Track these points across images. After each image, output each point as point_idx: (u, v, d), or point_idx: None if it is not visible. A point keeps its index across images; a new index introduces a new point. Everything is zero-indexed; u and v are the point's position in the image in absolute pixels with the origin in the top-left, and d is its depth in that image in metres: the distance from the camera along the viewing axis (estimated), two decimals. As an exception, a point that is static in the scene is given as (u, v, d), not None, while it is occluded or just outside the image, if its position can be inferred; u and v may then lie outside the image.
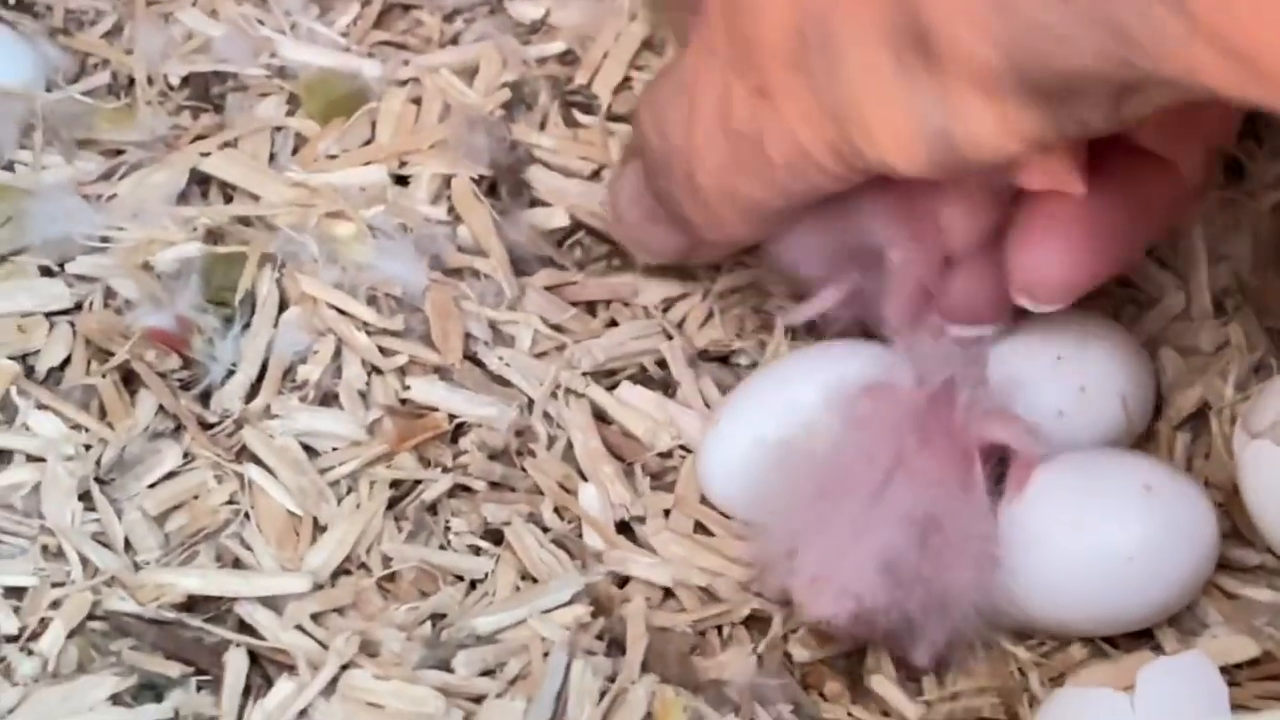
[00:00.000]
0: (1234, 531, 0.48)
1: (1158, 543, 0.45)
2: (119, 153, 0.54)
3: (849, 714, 0.46)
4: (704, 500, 0.49)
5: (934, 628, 0.46)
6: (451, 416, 0.50)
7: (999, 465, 0.47)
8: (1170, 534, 0.46)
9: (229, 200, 0.53)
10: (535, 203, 0.54)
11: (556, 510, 0.49)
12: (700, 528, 0.49)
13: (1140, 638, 0.47)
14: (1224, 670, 0.45)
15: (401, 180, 0.53)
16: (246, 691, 0.45)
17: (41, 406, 0.49)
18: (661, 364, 0.51)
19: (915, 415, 0.46)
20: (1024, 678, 0.47)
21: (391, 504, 0.48)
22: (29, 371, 0.49)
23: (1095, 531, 0.45)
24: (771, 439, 0.47)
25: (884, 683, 0.47)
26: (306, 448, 0.49)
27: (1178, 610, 0.47)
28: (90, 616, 0.45)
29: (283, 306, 0.50)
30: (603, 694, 0.45)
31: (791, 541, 0.46)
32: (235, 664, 0.45)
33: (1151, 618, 0.46)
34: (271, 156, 0.54)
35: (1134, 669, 0.45)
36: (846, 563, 0.45)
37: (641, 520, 0.49)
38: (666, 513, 0.49)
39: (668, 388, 0.51)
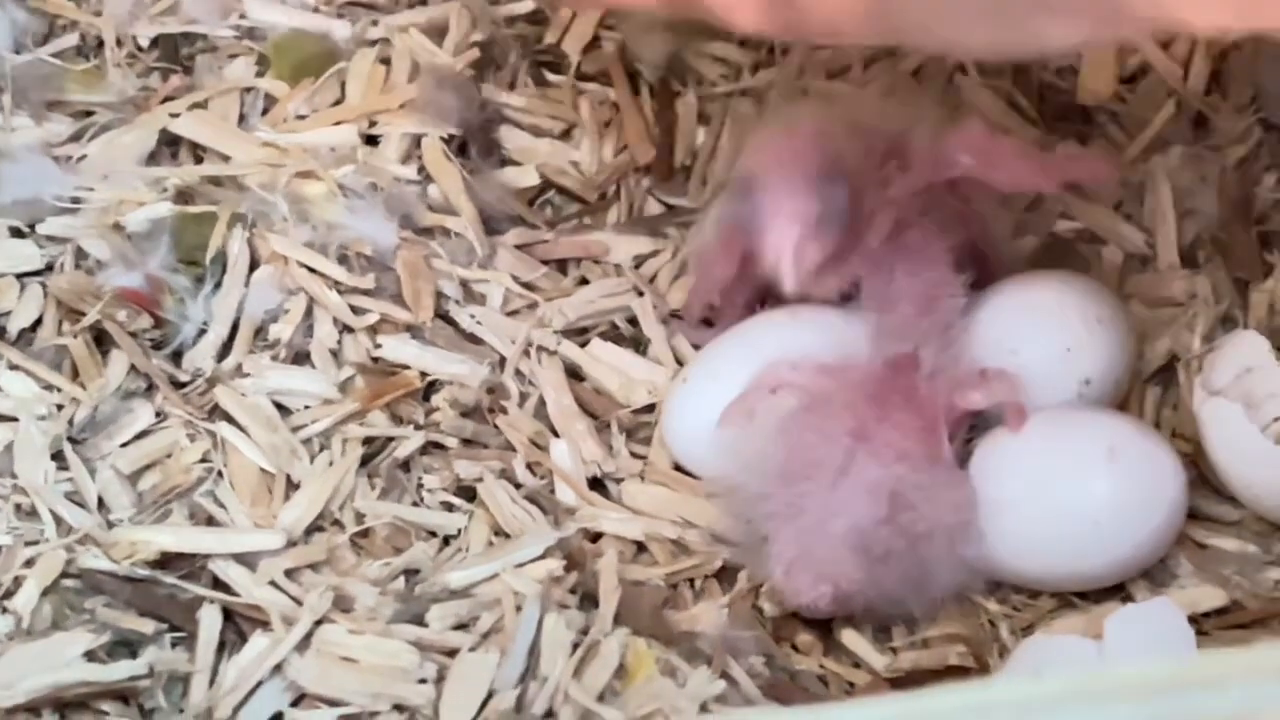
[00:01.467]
0: (1202, 481, 0.48)
1: (1123, 505, 0.46)
2: (88, 114, 0.54)
3: (820, 665, 0.47)
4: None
5: (912, 599, 0.46)
6: (423, 374, 0.50)
7: (970, 430, 0.47)
8: (1135, 495, 0.46)
9: (199, 161, 0.53)
10: (505, 162, 0.54)
11: (529, 467, 0.49)
12: (674, 481, 0.49)
13: (1112, 590, 0.47)
14: (1192, 619, 0.46)
15: (371, 140, 0.53)
16: (221, 647, 0.45)
17: (13, 367, 0.49)
18: (633, 321, 0.52)
19: (872, 389, 0.46)
20: (994, 628, 0.47)
21: (364, 461, 0.48)
22: (0, 332, 0.49)
23: (1061, 497, 0.46)
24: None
25: (854, 637, 0.47)
26: (279, 406, 0.49)
27: (1149, 565, 0.47)
28: (64, 574, 0.46)
29: (254, 266, 0.51)
30: (575, 646, 0.45)
31: (763, 528, 0.46)
32: (209, 620, 0.45)
33: (1121, 574, 0.47)
34: (241, 117, 0.54)
35: (1103, 619, 0.46)
36: (820, 547, 0.45)
37: (615, 477, 0.49)
38: (642, 471, 0.49)
39: (639, 345, 0.51)
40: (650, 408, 0.50)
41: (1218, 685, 0.29)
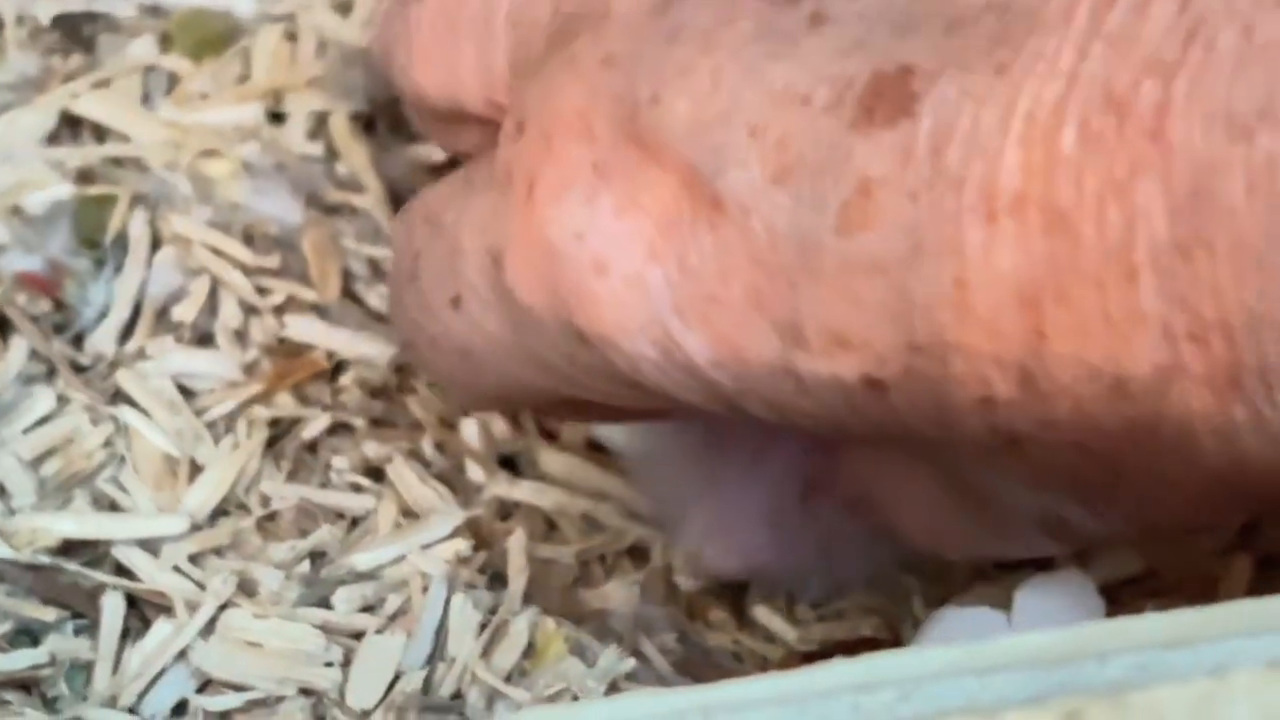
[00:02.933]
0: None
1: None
2: (-13, 95, 0.53)
3: (734, 640, 0.46)
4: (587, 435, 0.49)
5: (819, 582, 0.46)
6: (330, 354, 0.49)
7: None
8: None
9: (101, 141, 0.52)
10: (413, 138, 0.53)
11: (438, 446, 0.48)
12: (585, 456, 0.49)
13: (1028, 559, 0.47)
14: (1110, 587, 0.46)
15: (277, 118, 0.53)
16: (124, 634, 0.45)
17: (-89, 354, 0.48)
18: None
19: None
20: (907, 600, 0.47)
21: (270, 443, 0.48)
22: (-101, 319, 0.49)
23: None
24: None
25: (767, 613, 0.47)
26: (183, 389, 0.48)
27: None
28: (-36, 563, 0.45)
29: (156, 247, 0.50)
30: (483, 627, 0.44)
31: (683, 495, 0.46)
32: (112, 607, 0.45)
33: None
34: (145, 96, 0.53)
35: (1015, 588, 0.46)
36: (737, 520, 0.45)
37: (525, 455, 0.48)
38: (550, 442, 0.49)
39: (550, 321, 0.51)
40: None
41: (1104, 655, 0.28)
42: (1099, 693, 0.26)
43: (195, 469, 0.47)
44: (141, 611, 0.45)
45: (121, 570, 0.45)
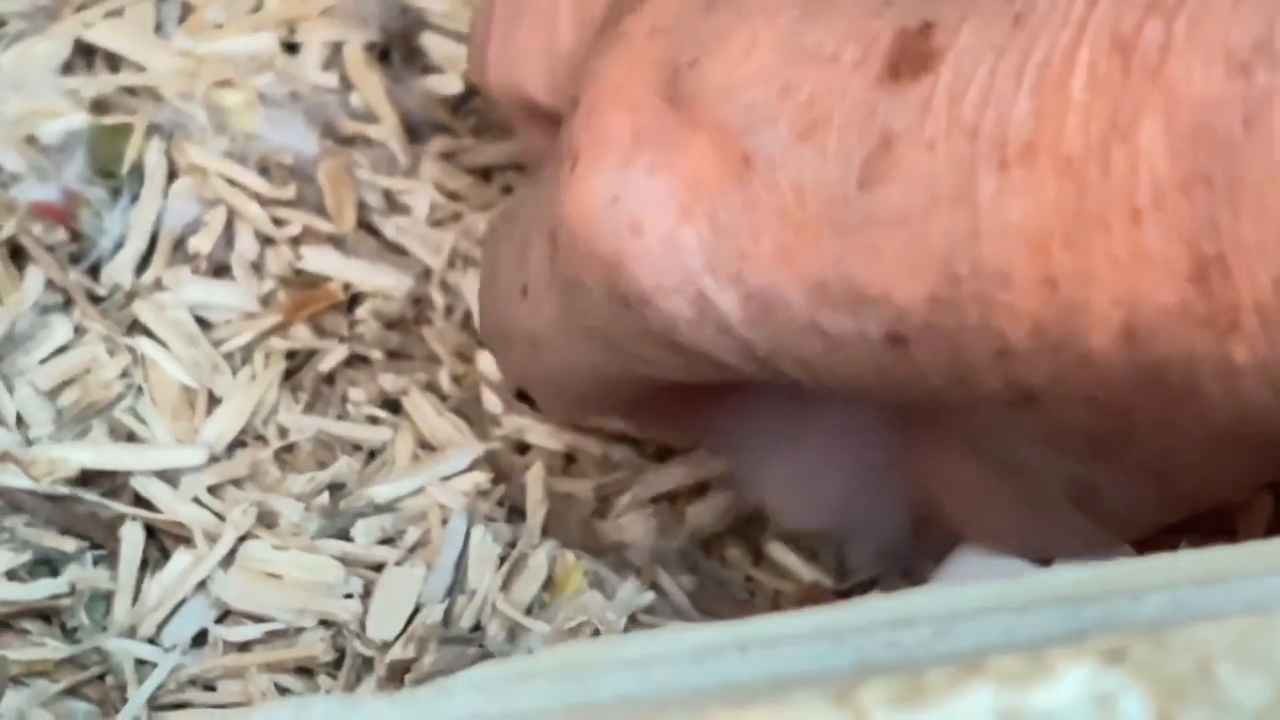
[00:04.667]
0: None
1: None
2: (1, 24, 0.53)
3: (748, 577, 0.47)
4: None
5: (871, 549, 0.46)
6: (346, 286, 0.49)
7: None
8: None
9: (114, 71, 0.52)
10: (429, 69, 0.53)
11: (455, 379, 0.48)
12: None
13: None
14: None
15: (291, 48, 0.52)
16: (143, 565, 0.45)
17: (-74, 283, 0.48)
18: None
19: None
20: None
21: (287, 375, 0.48)
22: (-87, 249, 0.49)
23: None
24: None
25: (781, 549, 0.47)
26: (199, 320, 0.48)
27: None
28: (-18, 493, 0.45)
29: (171, 177, 0.50)
30: (503, 560, 0.45)
31: (764, 448, 0.46)
32: (131, 537, 0.45)
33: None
34: (158, 25, 0.53)
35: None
36: (818, 478, 0.45)
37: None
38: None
39: (566, 254, 0.51)
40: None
41: (1139, 592, 0.29)
42: (1139, 630, 0.26)
43: (213, 400, 0.47)
44: (160, 542, 0.45)
45: (140, 501, 0.45)
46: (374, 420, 0.48)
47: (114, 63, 0.52)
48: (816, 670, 0.29)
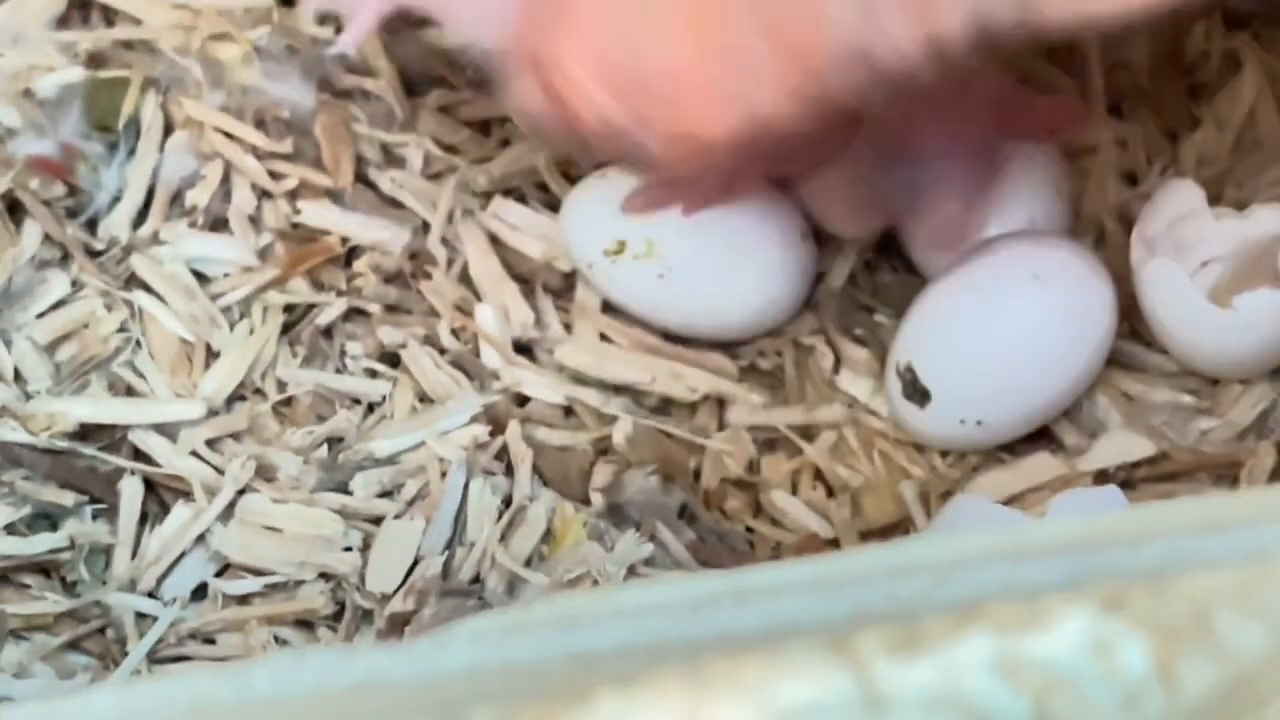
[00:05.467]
0: (1132, 333, 0.48)
1: (1047, 329, 0.45)
2: (-5, -22, 0.52)
3: (748, 529, 0.47)
4: (606, 310, 0.49)
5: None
6: (344, 240, 0.49)
7: None
8: (1063, 317, 0.46)
9: (110, 24, 0.51)
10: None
11: (454, 332, 0.48)
12: (604, 339, 0.48)
13: (1039, 440, 0.47)
14: (1121, 468, 0.46)
15: (287, 1, 0.52)
16: (143, 519, 0.45)
17: (-76, 238, 0.48)
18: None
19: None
20: (923, 489, 0.47)
21: (285, 329, 0.48)
22: (-90, 203, 0.49)
23: (984, 321, 0.45)
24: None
25: (783, 497, 0.47)
26: (197, 274, 0.48)
27: (1076, 395, 0.47)
28: (-19, 448, 0.45)
29: (168, 132, 0.49)
30: (501, 512, 0.45)
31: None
32: (130, 491, 0.45)
33: (1044, 410, 0.46)
34: (154, -22, 0.53)
35: (1031, 472, 0.46)
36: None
37: (543, 344, 0.48)
38: (568, 328, 0.49)
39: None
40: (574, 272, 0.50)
41: (1136, 541, 0.29)
42: (1137, 578, 0.26)
43: (211, 354, 0.47)
44: (160, 496, 0.45)
45: (139, 455, 0.45)
46: (373, 374, 0.48)
47: (110, 16, 0.52)
48: (815, 620, 0.29)
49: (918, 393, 0.46)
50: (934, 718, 0.25)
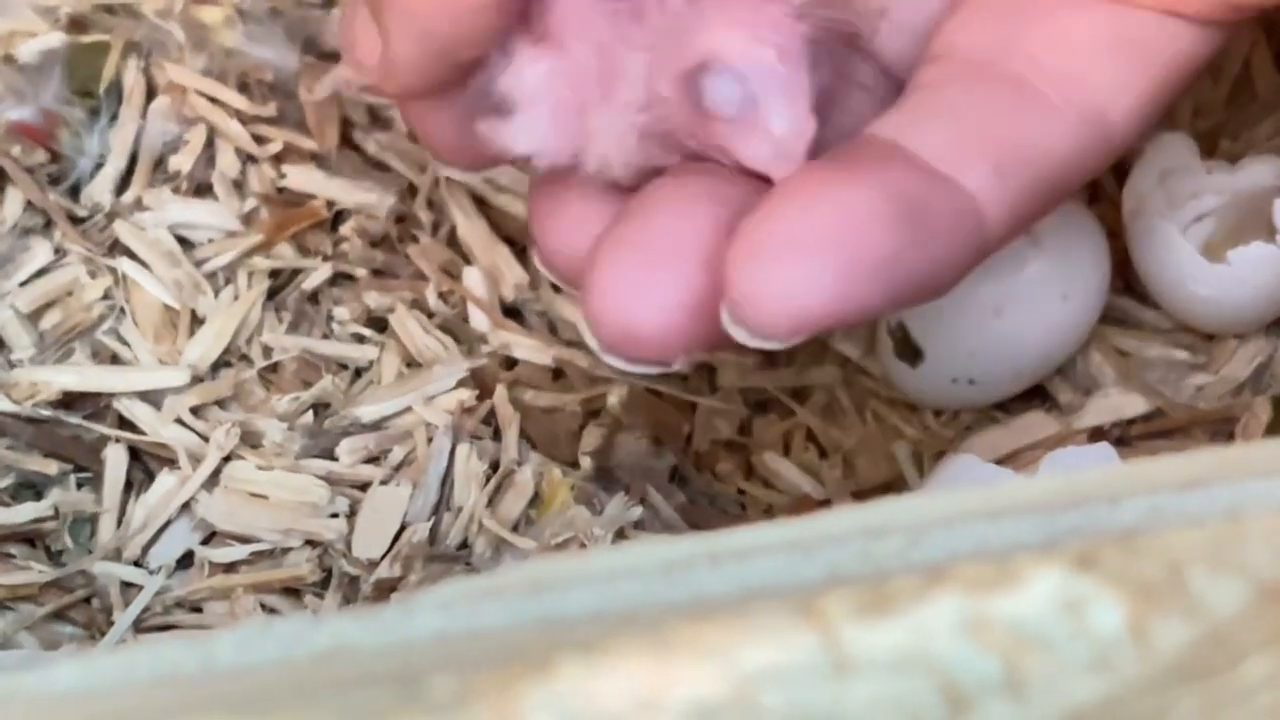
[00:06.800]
0: (1126, 289, 0.48)
1: (1040, 285, 0.45)
2: (-25, -56, 0.52)
3: (739, 491, 0.46)
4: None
5: None
6: (330, 204, 0.48)
7: None
8: (1057, 271, 0.45)
9: (92, -12, 0.51)
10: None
11: (441, 295, 0.48)
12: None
13: (1033, 398, 0.47)
14: (1115, 425, 0.45)
15: (271, -38, 0.52)
16: (128, 487, 0.45)
17: (-95, 207, 0.48)
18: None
19: None
20: (916, 449, 0.46)
21: (271, 294, 0.47)
22: (-110, 171, 0.48)
23: (976, 280, 0.45)
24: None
25: (775, 458, 0.46)
26: (181, 240, 0.48)
27: (1070, 352, 0.46)
28: (-36, 417, 0.45)
29: (151, 96, 0.49)
30: (489, 477, 0.44)
31: None
32: (115, 459, 0.45)
33: (1039, 366, 0.46)
34: (136, -58, 0.52)
35: (1025, 429, 0.45)
36: None
37: (534, 300, 0.48)
38: (557, 289, 0.48)
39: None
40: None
41: (1116, 498, 0.28)
42: (1111, 536, 0.25)
43: (196, 321, 0.47)
44: (145, 464, 0.45)
45: (124, 423, 0.45)
46: (359, 339, 0.47)
47: (92, -20, 0.51)
48: (788, 582, 0.28)
49: (910, 351, 0.45)
50: (902, 679, 0.24)
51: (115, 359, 0.46)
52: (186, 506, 0.44)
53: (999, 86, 0.37)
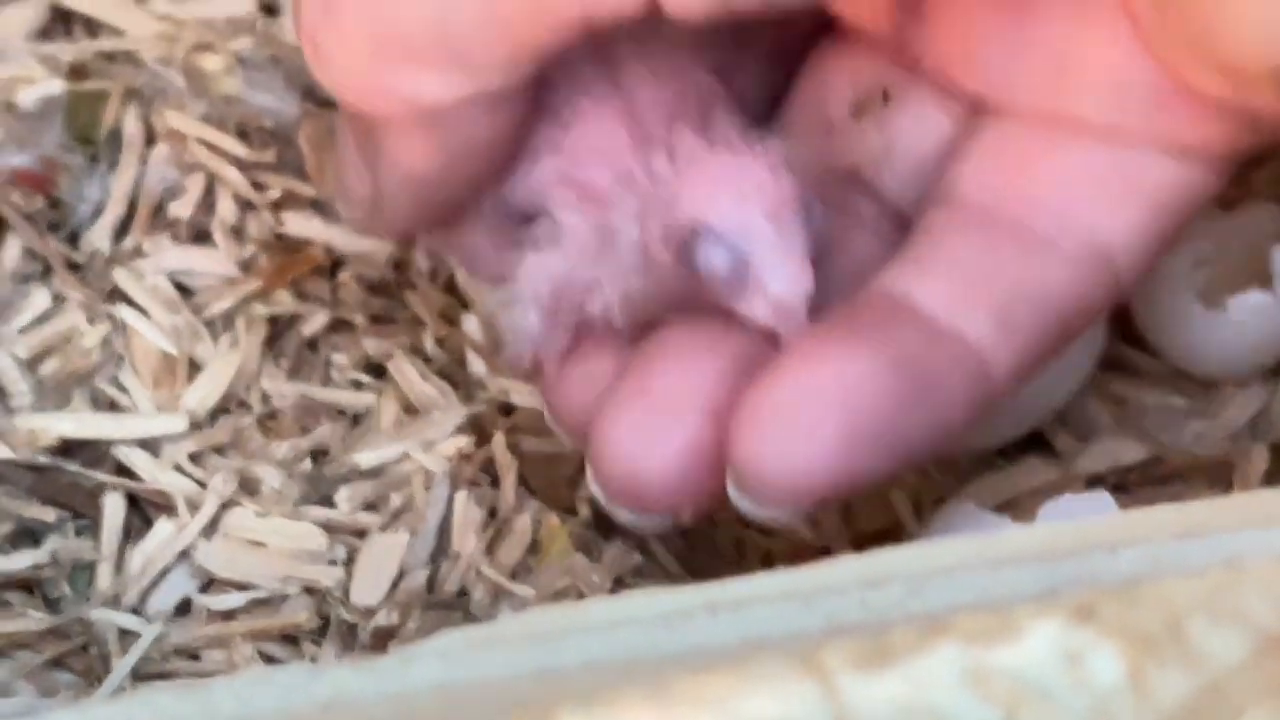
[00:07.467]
0: (1124, 335, 0.48)
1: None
2: (-24, -10, 0.52)
3: (737, 538, 0.46)
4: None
5: None
6: (328, 250, 0.49)
7: None
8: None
9: (92, 36, 0.51)
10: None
11: (439, 341, 0.48)
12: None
13: (1031, 446, 0.47)
14: (1114, 472, 0.45)
15: (270, 10, 0.52)
16: (126, 534, 0.44)
17: (-95, 253, 0.48)
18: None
19: None
20: (915, 495, 0.46)
21: (270, 341, 0.47)
22: (-109, 217, 0.48)
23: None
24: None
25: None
26: (180, 286, 0.48)
27: (1068, 399, 0.46)
28: (-37, 464, 0.45)
29: (150, 143, 0.49)
30: (487, 524, 0.44)
31: None
32: (113, 506, 0.44)
33: (1039, 413, 0.46)
34: (137, -10, 0.52)
35: (1023, 477, 0.45)
36: None
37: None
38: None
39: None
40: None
41: (1115, 547, 0.28)
42: (1110, 586, 0.25)
43: (194, 367, 0.47)
44: (143, 511, 0.45)
45: (122, 470, 0.45)
46: (358, 385, 0.47)
47: (92, 28, 0.51)
48: (788, 632, 0.28)
49: (908, 398, 0.45)
50: (902, 731, 0.24)
51: (114, 406, 0.46)
52: (185, 554, 0.44)
53: (1001, 232, 0.37)
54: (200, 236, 0.49)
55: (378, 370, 0.47)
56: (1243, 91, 0.35)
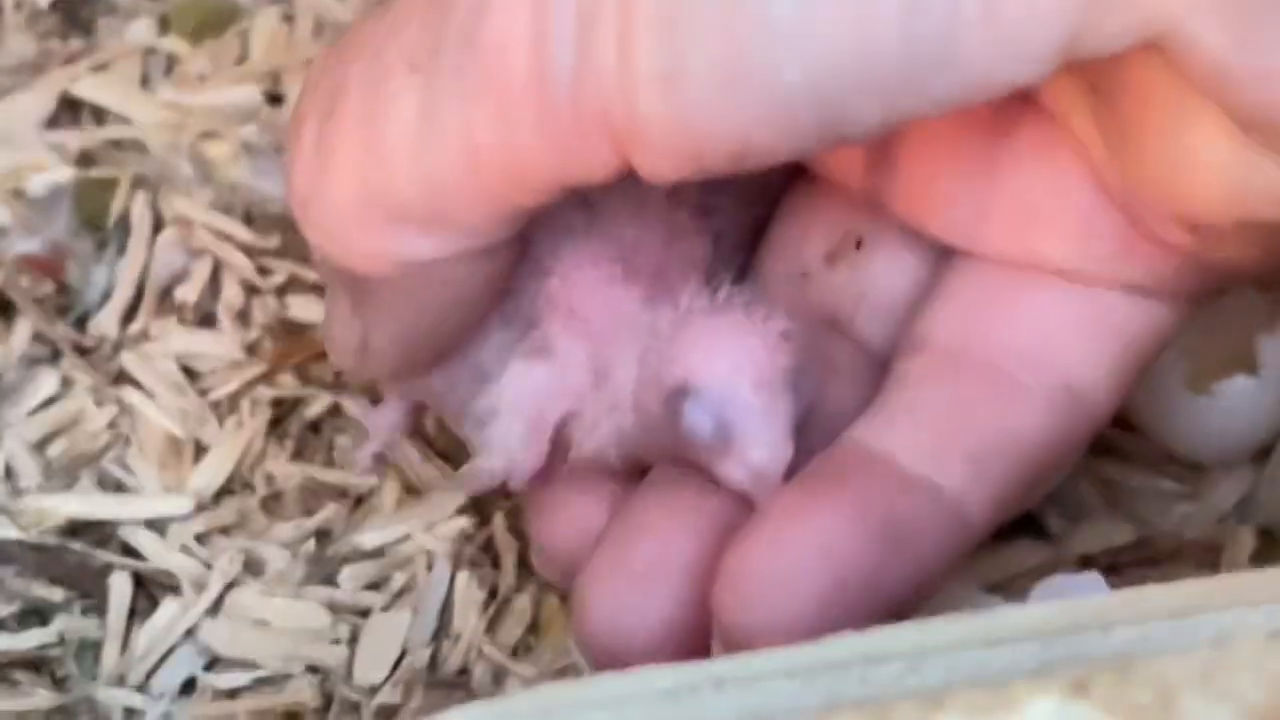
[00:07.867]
0: (1114, 418, 0.48)
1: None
2: (-13, 79, 0.53)
3: (736, 615, 0.47)
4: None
5: None
6: (332, 334, 0.49)
7: None
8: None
9: (101, 124, 0.52)
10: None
11: (439, 423, 0.48)
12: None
13: (1022, 526, 0.47)
14: (1105, 553, 0.46)
15: (275, 99, 0.53)
16: (132, 614, 0.45)
17: (-84, 337, 0.48)
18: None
19: None
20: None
21: (274, 423, 0.48)
22: (-98, 302, 0.49)
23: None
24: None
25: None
26: (186, 370, 0.49)
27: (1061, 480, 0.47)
28: (-29, 545, 0.45)
29: (157, 229, 0.50)
30: (487, 603, 0.45)
31: None
32: (119, 586, 0.45)
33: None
34: (144, 79, 0.53)
35: (1015, 558, 0.46)
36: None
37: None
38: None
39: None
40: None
41: (1108, 626, 0.29)
42: (1104, 663, 0.26)
43: (200, 449, 0.47)
44: (149, 591, 0.45)
45: (128, 550, 0.46)
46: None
47: (100, 116, 0.52)
48: (790, 708, 0.29)
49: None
50: (904, 804, 0.25)
51: (120, 487, 0.47)
52: (190, 633, 0.44)
53: (973, 378, 0.38)
54: (206, 320, 0.49)
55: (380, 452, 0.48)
56: (1206, 243, 0.36)
